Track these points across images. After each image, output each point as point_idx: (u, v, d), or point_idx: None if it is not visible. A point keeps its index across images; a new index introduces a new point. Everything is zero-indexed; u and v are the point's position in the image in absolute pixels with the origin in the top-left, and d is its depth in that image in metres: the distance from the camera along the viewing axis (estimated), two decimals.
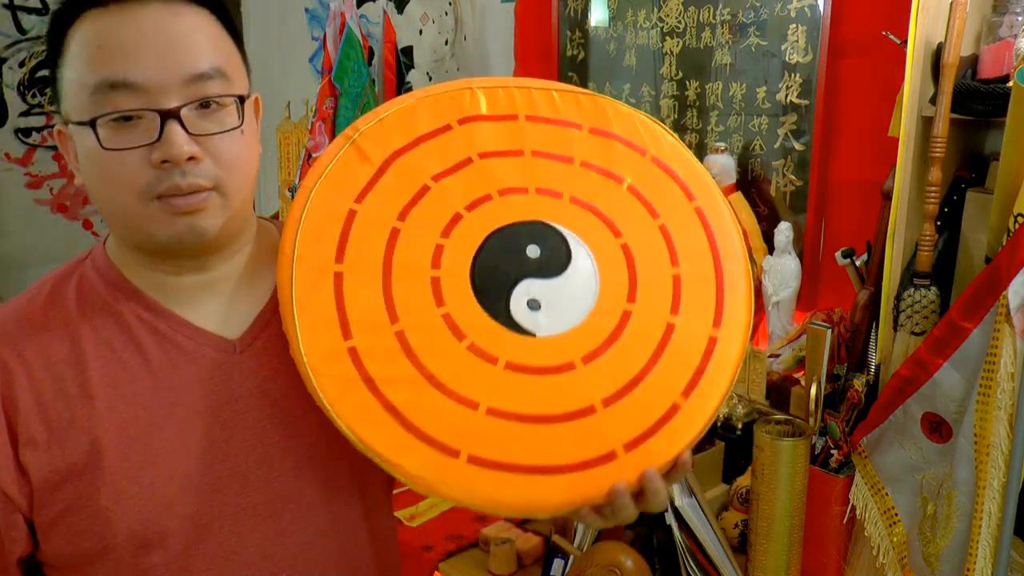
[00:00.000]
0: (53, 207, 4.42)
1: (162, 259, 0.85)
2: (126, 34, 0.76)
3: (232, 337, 0.86)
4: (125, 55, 0.76)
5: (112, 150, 0.77)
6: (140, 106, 0.76)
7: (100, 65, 0.76)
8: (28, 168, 4.31)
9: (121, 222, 0.82)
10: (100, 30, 0.77)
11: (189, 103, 0.78)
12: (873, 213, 1.58)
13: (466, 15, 2.68)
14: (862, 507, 1.39)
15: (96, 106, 0.76)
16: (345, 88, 2.49)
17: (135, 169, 0.77)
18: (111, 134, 0.77)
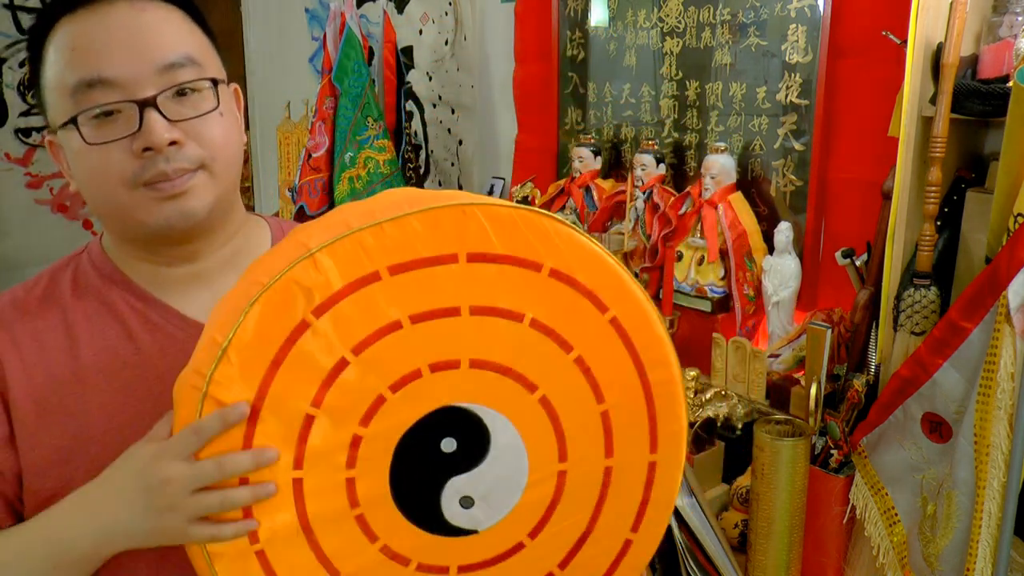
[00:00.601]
0: (53, 207, 4.43)
1: (154, 249, 0.87)
2: (96, 34, 0.79)
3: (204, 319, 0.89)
4: (97, 54, 0.79)
5: (96, 144, 0.79)
6: (117, 99, 0.79)
7: (75, 67, 0.79)
8: (28, 168, 4.31)
9: (112, 215, 0.85)
10: (72, 34, 0.80)
11: (164, 91, 0.80)
12: (873, 213, 1.58)
13: (466, 15, 2.68)
14: (862, 507, 1.39)
15: (76, 106, 0.79)
16: (345, 88, 2.49)
17: (120, 160, 0.80)
18: (93, 130, 0.80)
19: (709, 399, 1.68)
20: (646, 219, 2.04)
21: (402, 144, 2.64)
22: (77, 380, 0.83)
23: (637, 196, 2.05)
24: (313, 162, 2.58)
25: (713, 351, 1.79)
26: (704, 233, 1.88)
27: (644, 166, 2.04)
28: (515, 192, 2.33)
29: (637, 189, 2.05)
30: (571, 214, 2.23)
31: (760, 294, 1.83)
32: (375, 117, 2.50)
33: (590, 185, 2.19)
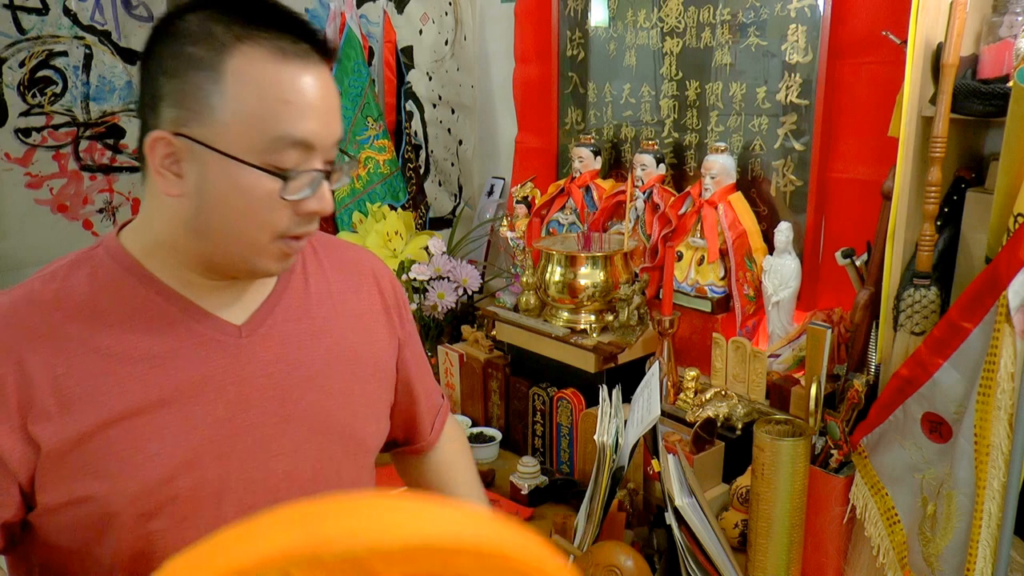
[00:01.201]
0: (53, 207, 4.42)
1: (220, 273, 0.91)
2: (311, 97, 0.83)
3: (238, 323, 0.93)
4: (311, 116, 0.83)
5: (285, 199, 0.84)
6: (310, 165, 0.85)
7: (287, 120, 0.82)
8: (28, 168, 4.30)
9: (227, 248, 0.88)
10: (284, 82, 0.82)
11: (332, 164, 0.89)
12: (873, 213, 1.58)
13: (466, 15, 2.68)
14: (862, 507, 1.39)
15: (273, 157, 0.83)
16: (345, 88, 2.49)
17: (281, 213, 0.86)
18: (290, 186, 0.84)
19: (709, 399, 1.68)
20: (646, 219, 2.04)
21: (402, 144, 2.64)
22: (98, 370, 0.85)
23: (637, 196, 2.05)
24: None
25: (713, 351, 1.79)
26: (704, 233, 1.88)
27: (644, 166, 2.04)
28: (515, 192, 2.33)
29: (637, 189, 2.05)
30: (571, 214, 2.23)
31: (760, 294, 1.83)
32: (375, 117, 2.50)
33: (590, 185, 2.19)
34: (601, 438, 1.50)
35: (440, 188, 2.94)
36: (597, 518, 1.47)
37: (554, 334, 1.91)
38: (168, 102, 0.83)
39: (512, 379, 2.03)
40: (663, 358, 1.83)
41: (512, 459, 1.92)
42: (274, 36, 0.83)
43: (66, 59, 4.46)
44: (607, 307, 1.92)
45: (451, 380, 2.19)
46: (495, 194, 2.69)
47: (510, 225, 2.28)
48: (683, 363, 1.90)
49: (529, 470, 1.79)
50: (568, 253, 1.92)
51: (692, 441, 1.63)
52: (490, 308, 2.15)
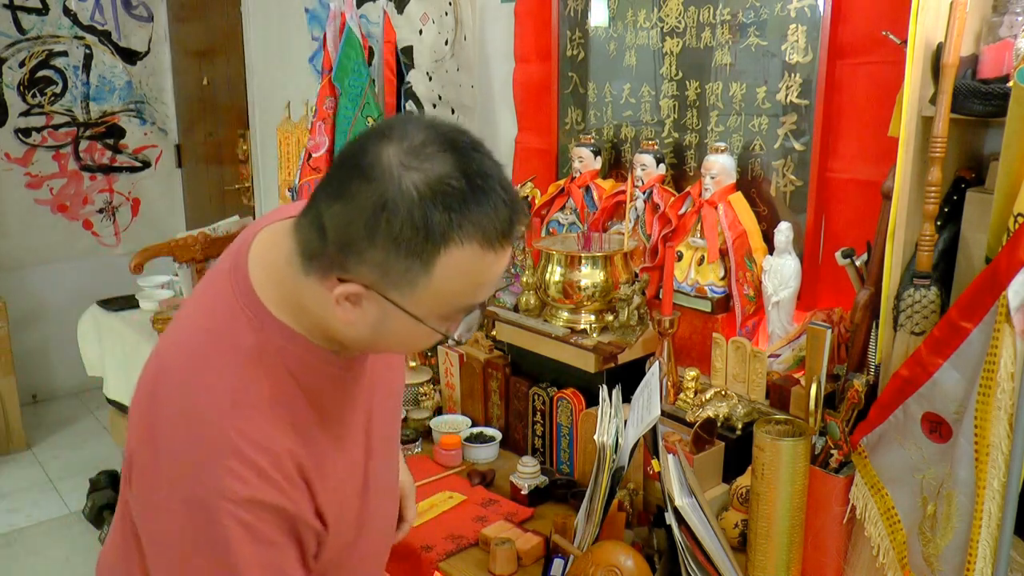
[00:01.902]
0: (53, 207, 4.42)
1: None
2: (494, 272, 0.90)
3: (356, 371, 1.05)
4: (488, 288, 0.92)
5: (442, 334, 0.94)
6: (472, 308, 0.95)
7: (472, 295, 0.91)
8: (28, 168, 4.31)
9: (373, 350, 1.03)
10: (484, 267, 0.88)
11: None
12: (873, 213, 1.58)
13: (466, 15, 2.68)
14: (862, 507, 1.39)
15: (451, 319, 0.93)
16: (345, 88, 2.49)
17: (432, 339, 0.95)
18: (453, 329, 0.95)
19: (709, 399, 1.68)
20: (646, 219, 2.04)
21: None
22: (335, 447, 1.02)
23: (637, 196, 2.05)
24: (313, 162, 2.58)
25: (713, 351, 1.79)
26: (704, 233, 1.88)
27: (644, 166, 2.04)
28: None
29: (637, 189, 2.05)
30: (571, 214, 2.23)
31: (760, 294, 1.83)
32: (375, 117, 2.50)
33: (590, 185, 2.19)
34: (601, 438, 1.50)
35: None
36: (597, 518, 1.47)
37: (554, 334, 1.91)
38: (370, 266, 0.85)
39: (512, 379, 2.03)
40: (663, 358, 1.83)
41: (512, 459, 1.92)
42: (488, 223, 0.84)
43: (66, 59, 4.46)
44: (607, 307, 1.92)
45: (451, 380, 2.19)
46: None
47: None
48: (683, 363, 1.90)
49: (529, 470, 1.79)
50: (568, 253, 1.92)
51: (692, 441, 1.63)
52: (490, 308, 2.15)
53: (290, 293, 0.93)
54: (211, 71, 4.25)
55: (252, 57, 3.79)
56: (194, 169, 4.69)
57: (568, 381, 1.90)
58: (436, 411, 2.19)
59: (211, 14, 4.11)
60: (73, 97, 4.46)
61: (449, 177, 0.82)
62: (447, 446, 1.96)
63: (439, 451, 1.98)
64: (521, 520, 1.72)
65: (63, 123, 4.45)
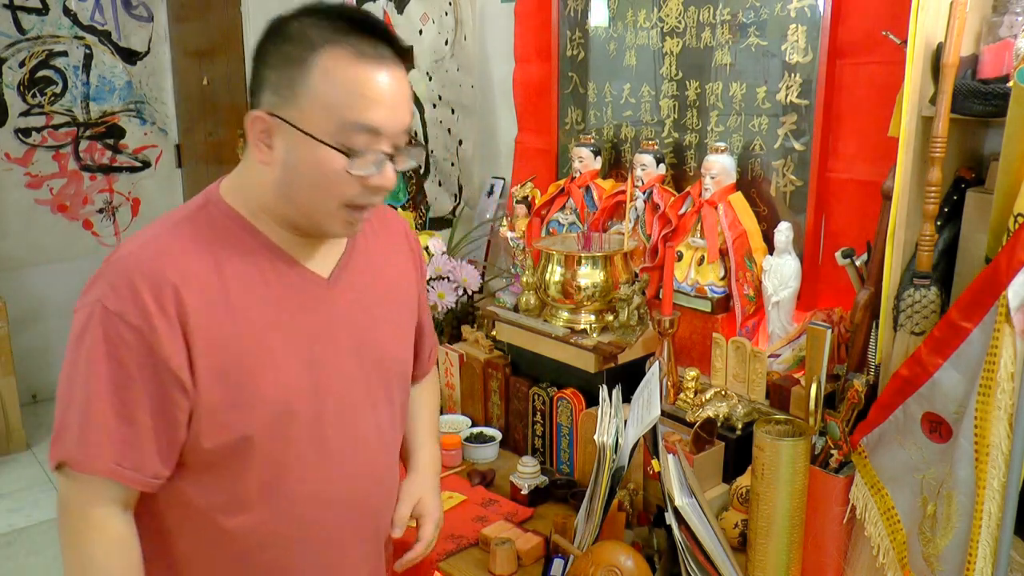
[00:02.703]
0: (53, 207, 4.42)
1: (302, 232, 1.10)
2: (385, 92, 1.01)
3: (324, 276, 1.14)
4: (381, 107, 1.01)
5: (351, 174, 1.01)
6: (378, 148, 1.02)
7: (359, 110, 1.00)
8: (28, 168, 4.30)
9: (304, 212, 1.07)
10: (360, 79, 0.99)
11: (400, 148, 1.05)
12: (873, 213, 1.58)
13: (466, 15, 2.68)
14: (862, 507, 1.39)
15: (344, 138, 1.00)
16: None
17: (348, 185, 1.03)
18: (356, 162, 1.01)
19: (709, 399, 1.68)
20: (646, 219, 2.04)
21: None
22: (227, 308, 1.04)
23: (637, 196, 2.05)
24: None
25: (713, 351, 1.79)
26: (704, 233, 1.88)
27: (644, 166, 2.04)
28: (515, 192, 2.33)
29: (637, 189, 2.05)
30: (571, 214, 2.23)
31: (760, 294, 1.83)
32: None
33: (590, 185, 2.19)
34: (601, 438, 1.50)
35: (440, 188, 2.94)
36: (597, 518, 1.47)
37: (554, 334, 1.91)
38: (267, 89, 1.02)
39: (512, 379, 2.03)
40: (663, 358, 1.83)
41: (512, 459, 1.92)
42: (356, 40, 1.00)
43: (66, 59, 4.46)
44: (607, 307, 1.92)
45: (451, 380, 2.19)
46: (495, 194, 2.69)
47: (510, 225, 2.28)
48: (683, 363, 1.90)
49: (529, 470, 1.79)
50: (568, 253, 1.92)
51: (692, 441, 1.63)
52: (490, 308, 2.15)
53: (240, 177, 1.11)
54: (211, 71, 4.25)
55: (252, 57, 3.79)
56: (194, 169, 4.69)
57: (568, 381, 1.90)
58: None
59: (211, 14, 4.11)
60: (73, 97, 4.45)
61: (333, 7, 1.02)
62: (447, 446, 1.96)
63: None
64: (521, 520, 1.72)
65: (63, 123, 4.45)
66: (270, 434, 1.07)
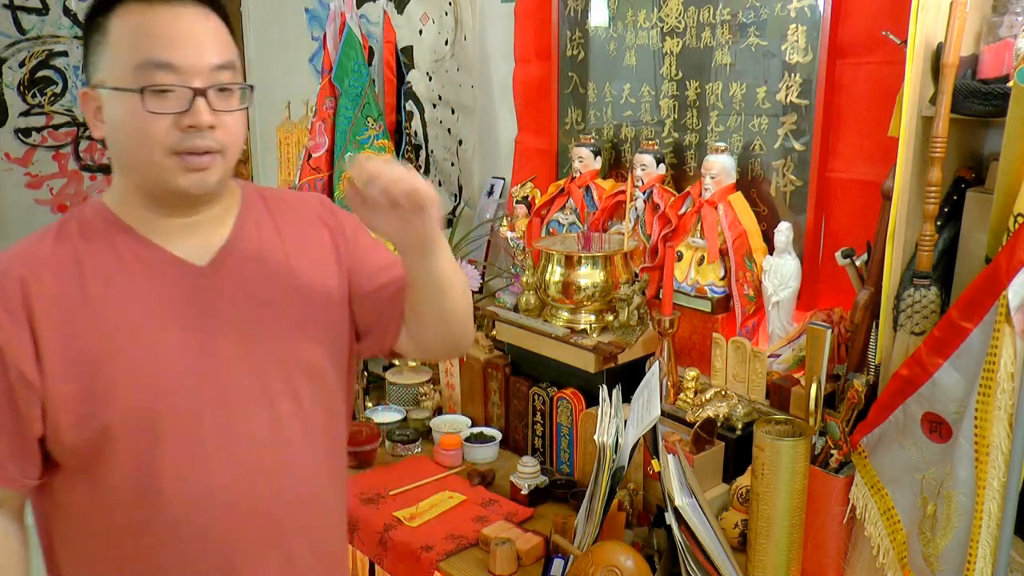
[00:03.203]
0: (53, 207, 4.42)
1: (161, 202, 1.07)
2: (170, 26, 1.00)
3: (201, 264, 1.09)
4: (171, 43, 0.99)
5: (153, 112, 0.99)
6: (177, 82, 0.99)
7: (148, 48, 0.99)
8: (28, 168, 4.30)
9: (141, 171, 1.04)
10: (145, 20, 1.00)
11: (212, 86, 1.02)
12: (873, 213, 1.58)
13: (466, 15, 2.68)
14: (862, 507, 1.39)
15: (141, 79, 0.99)
16: (345, 88, 2.49)
17: (165, 130, 1.00)
18: (153, 101, 0.99)
19: (709, 399, 1.68)
20: (646, 219, 2.04)
21: (402, 144, 2.64)
22: (85, 304, 1.02)
23: (637, 196, 2.05)
24: (313, 162, 2.58)
25: (713, 351, 1.79)
26: (704, 233, 1.88)
27: (644, 166, 2.04)
28: (515, 192, 2.33)
29: (637, 189, 2.05)
30: (571, 214, 2.23)
31: (760, 294, 1.83)
32: (375, 117, 2.50)
33: (590, 185, 2.19)
34: (601, 438, 1.50)
35: (440, 188, 2.94)
36: (597, 518, 1.47)
37: (554, 334, 1.91)
38: (88, 68, 1.04)
39: (512, 379, 2.03)
40: (663, 358, 1.83)
41: (512, 459, 1.92)
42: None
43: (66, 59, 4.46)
44: (607, 307, 1.92)
45: (451, 380, 2.19)
46: (495, 194, 2.69)
47: (510, 225, 2.28)
48: (683, 363, 1.90)
49: (529, 470, 1.79)
50: (568, 253, 1.92)
51: (692, 441, 1.63)
52: (490, 308, 2.15)
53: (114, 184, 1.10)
54: None
55: (252, 57, 3.79)
56: None
57: (568, 381, 1.90)
58: (436, 411, 2.19)
59: None
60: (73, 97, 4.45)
61: None
62: (447, 446, 1.96)
63: (439, 451, 1.98)
64: (521, 520, 1.72)
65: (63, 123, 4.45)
66: (134, 429, 1.02)
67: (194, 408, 1.05)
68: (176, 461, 1.04)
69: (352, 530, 1.76)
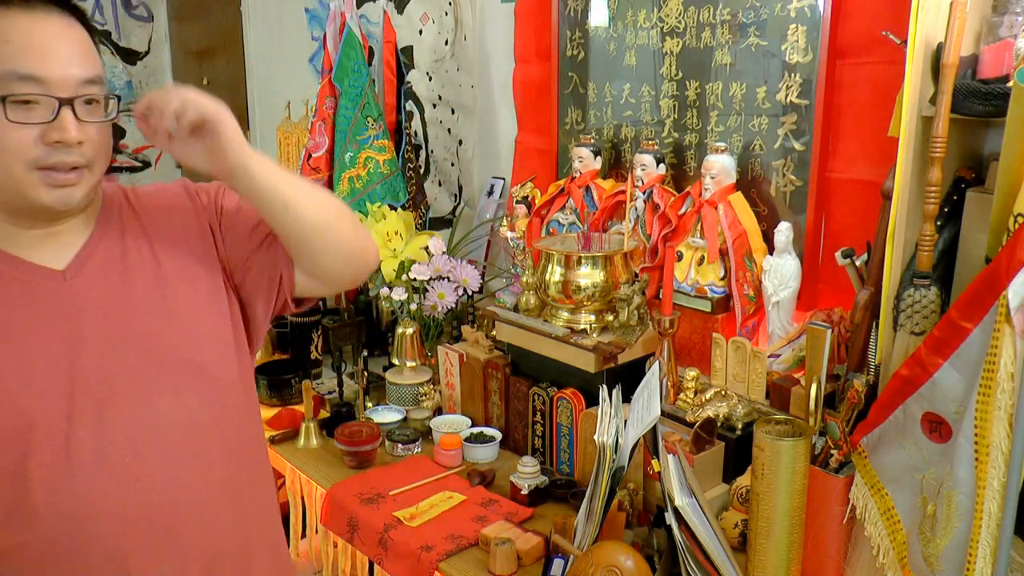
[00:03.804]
0: None
1: (22, 216, 1.02)
2: (35, 35, 0.96)
3: (61, 268, 1.05)
4: (34, 54, 0.95)
5: (14, 123, 0.95)
6: (42, 92, 0.95)
7: (10, 58, 0.95)
8: None
9: (1, 185, 0.99)
10: (4, 29, 0.95)
11: (79, 97, 0.98)
12: (873, 213, 1.58)
13: (466, 15, 2.68)
14: (862, 507, 1.39)
15: (4, 90, 0.94)
16: (345, 88, 2.49)
17: (29, 143, 0.96)
18: (14, 111, 0.95)
19: (709, 399, 1.68)
20: (646, 219, 2.04)
21: (402, 144, 2.64)
22: None
23: (637, 196, 2.05)
24: (313, 162, 2.58)
25: (713, 351, 1.79)
26: (704, 233, 1.88)
27: (644, 166, 2.04)
28: (515, 192, 2.33)
29: (637, 189, 2.05)
30: (571, 214, 2.23)
31: (760, 294, 1.83)
32: (375, 117, 2.50)
33: (590, 185, 2.19)
34: (601, 438, 1.50)
35: (440, 188, 2.94)
36: (597, 518, 1.47)
37: (554, 334, 1.91)
38: None
39: (512, 379, 2.03)
40: (663, 358, 1.83)
41: (512, 459, 1.92)
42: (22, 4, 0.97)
43: None
44: (607, 307, 1.92)
45: (451, 380, 2.19)
46: (495, 194, 2.69)
47: (510, 225, 2.28)
48: (683, 363, 1.90)
49: (529, 470, 1.79)
50: (568, 253, 1.92)
51: (692, 441, 1.63)
52: (490, 308, 2.15)
53: None
54: (211, 71, 4.25)
55: (252, 57, 3.79)
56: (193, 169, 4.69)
57: (568, 381, 1.90)
58: (436, 411, 2.19)
59: (211, 14, 4.11)
60: None
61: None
62: (447, 446, 1.96)
63: (439, 451, 1.98)
64: (521, 520, 1.72)
65: None
66: (2, 443, 0.97)
67: (65, 414, 1.00)
68: (47, 474, 0.98)
69: (352, 530, 1.76)
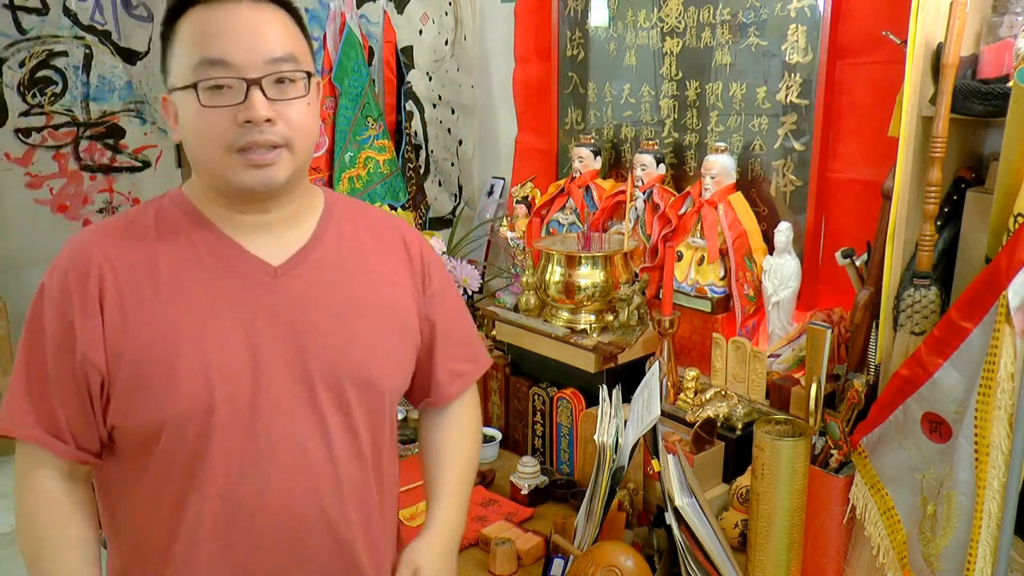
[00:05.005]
0: (53, 207, 4.41)
1: (232, 199, 1.07)
2: (221, 23, 1.01)
3: (275, 264, 1.08)
4: (222, 39, 1.00)
5: (208, 107, 1.00)
6: (230, 76, 1.00)
7: (202, 46, 1.01)
8: (28, 168, 4.29)
9: (208, 170, 1.06)
10: (202, 21, 1.02)
11: (267, 76, 1.01)
12: (873, 213, 1.58)
13: (466, 15, 2.68)
14: (862, 507, 1.39)
15: (196, 76, 1.00)
16: (345, 88, 2.49)
17: (223, 126, 1.00)
18: (208, 96, 1.00)
19: (709, 399, 1.68)
20: (646, 219, 2.04)
21: (402, 144, 2.64)
22: (155, 294, 1.03)
23: (637, 196, 2.05)
24: (313, 162, 2.58)
25: (713, 351, 1.79)
26: (704, 233, 1.88)
27: (644, 166, 2.04)
28: (515, 192, 2.33)
29: (637, 189, 2.05)
30: (571, 214, 2.23)
31: (760, 294, 1.83)
32: (375, 117, 2.50)
33: (590, 185, 2.19)
34: (601, 438, 1.50)
35: (440, 188, 2.94)
36: (597, 518, 1.47)
37: (554, 334, 1.91)
38: (163, 71, 1.07)
39: (512, 379, 2.03)
40: (663, 358, 1.83)
41: (512, 459, 1.92)
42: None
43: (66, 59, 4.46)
44: (607, 307, 1.92)
45: None
46: (495, 194, 2.69)
47: (510, 225, 2.28)
48: (683, 363, 1.90)
49: (529, 470, 1.79)
50: (568, 253, 1.92)
51: (692, 441, 1.63)
52: (490, 308, 2.15)
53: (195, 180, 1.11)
54: None
55: None
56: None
57: (568, 381, 1.90)
58: None
59: None
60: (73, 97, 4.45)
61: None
62: None
63: None
64: (521, 520, 1.72)
65: (63, 123, 4.44)
66: (186, 419, 1.02)
67: (247, 406, 1.04)
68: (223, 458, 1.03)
69: None
